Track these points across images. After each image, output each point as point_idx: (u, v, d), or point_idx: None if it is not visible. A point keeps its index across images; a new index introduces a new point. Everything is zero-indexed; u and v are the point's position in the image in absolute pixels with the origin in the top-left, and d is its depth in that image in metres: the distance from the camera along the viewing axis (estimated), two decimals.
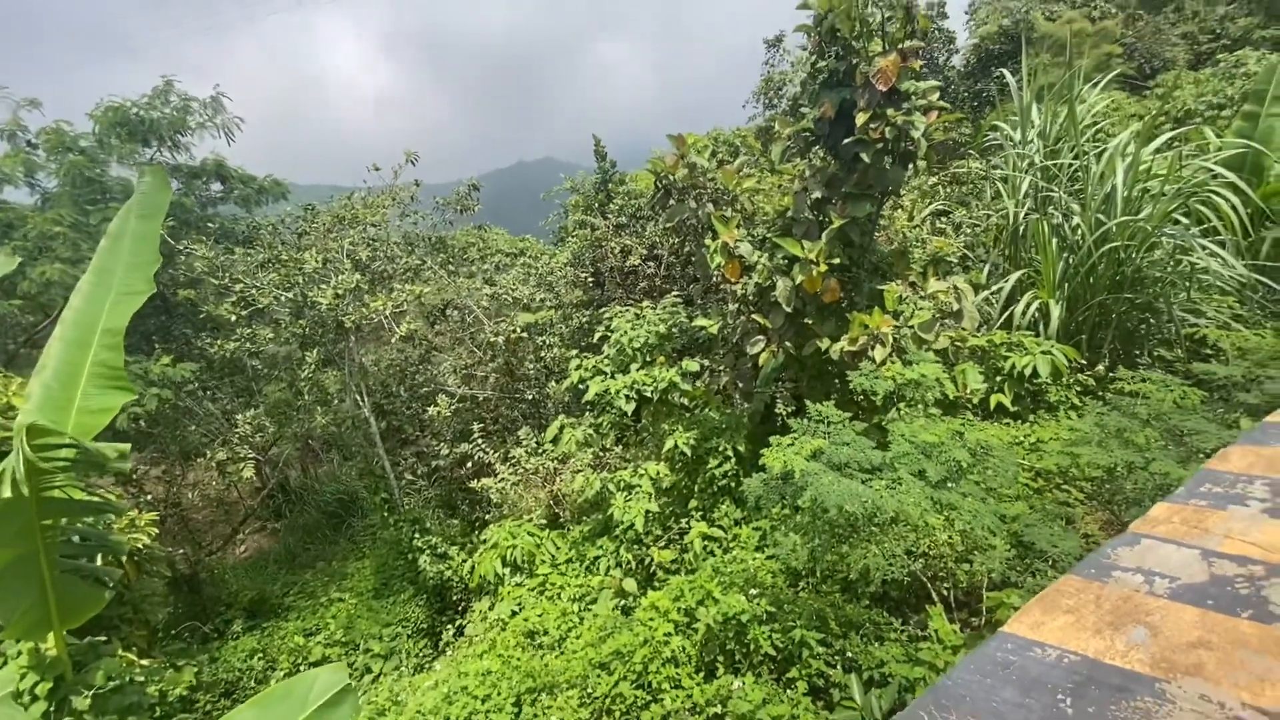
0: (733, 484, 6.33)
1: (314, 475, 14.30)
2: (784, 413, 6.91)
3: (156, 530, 5.74)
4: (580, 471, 7.99)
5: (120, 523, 4.54)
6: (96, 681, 3.28)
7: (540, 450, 8.79)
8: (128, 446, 2.92)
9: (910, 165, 5.09)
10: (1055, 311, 6.83)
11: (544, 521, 8.09)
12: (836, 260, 5.03)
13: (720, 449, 6.30)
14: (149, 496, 9.09)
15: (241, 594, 10.16)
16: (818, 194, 5.21)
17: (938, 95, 4.85)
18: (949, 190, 8.76)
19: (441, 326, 10.73)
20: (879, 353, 4.71)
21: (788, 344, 5.55)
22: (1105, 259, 6.62)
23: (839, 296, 5.25)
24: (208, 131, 9.05)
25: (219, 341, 8.19)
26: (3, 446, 4.87)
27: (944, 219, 7.88)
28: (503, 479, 8.52)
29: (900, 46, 4.73)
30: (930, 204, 7.85)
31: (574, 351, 7.70)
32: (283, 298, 7.62)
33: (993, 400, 6.37)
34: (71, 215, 7.85)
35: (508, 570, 7.07)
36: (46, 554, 2.97)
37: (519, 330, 9.63)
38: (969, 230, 8.12)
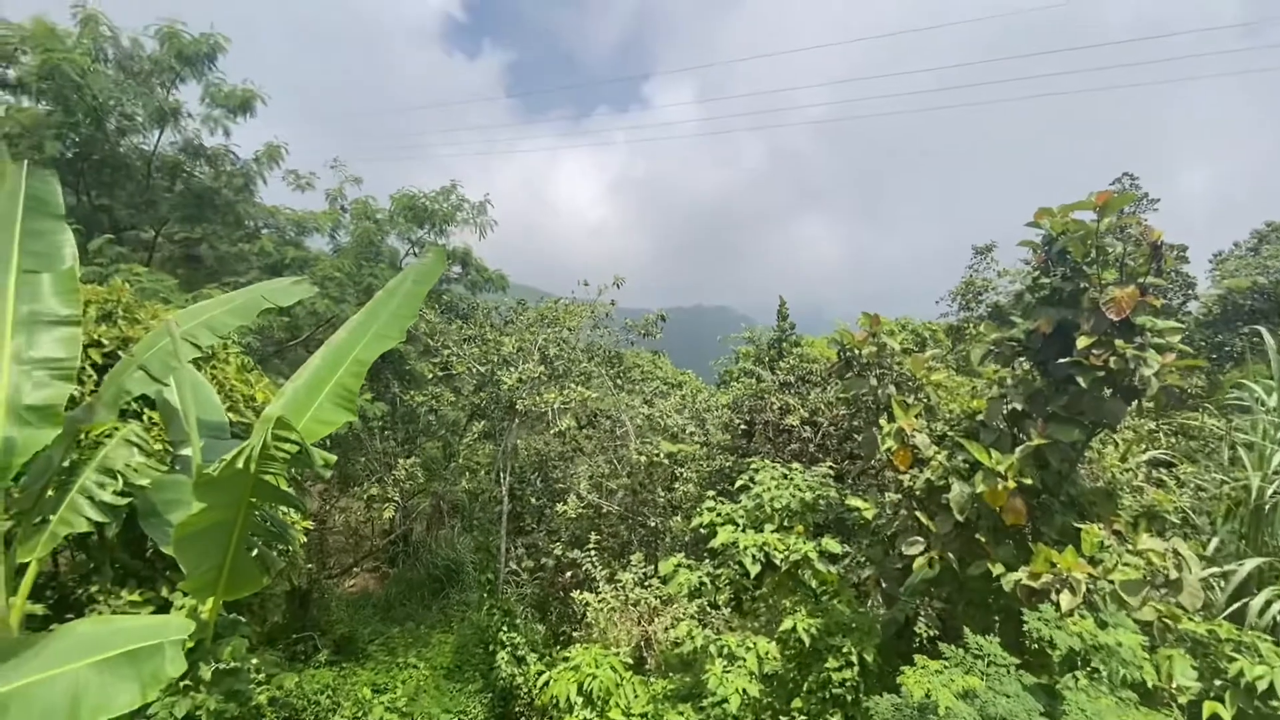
0: (848, 696, 5.54)
1: (435, 535, 15.04)
2: (925, 634, 6.05)
3: (304, 540, 6.34)
4: (683, 620, 7.52)
5: (290, 519, 5.11)
6: (223, 657, 3.58)
7: (647, 582, 8.49)
8: (334, 458, 3.37)
9: (1134, 402, 4.61)
10: None
11: (629, 660, 7.61)
12: (1028, 481, 4.55)
13: (844, 650, 5.61)
14: (309, 510, 10.14)
15: (336, 626, 10.59)
16: (1017, 406, 4.87)
17: (1179, 338, 4.46)
18: (1172, 441, 7.66)
19: (591, 432, 11.23)
20: (1066, 600, 4.05)
21: (950, 555, 4.99)
22: None
23: (1023, 521, 4.68)
24: (468, 226, 11.06)
25: (411, 392, 9.30)
26: (234, 429, 5.85)
27: (1165, 471, 6.85)
28: (603, 599, 8.29)
29: (1140, 280, 4.49)
30: (1148, 450, 6.90)
31: (711, 493, 7.57)
32: (474, 370, 8.58)
33: (1207, 708, 5.02)
34: (350, 266, 9.82)
35: (580, 700, 6.65)
36: (241, 527, 3.42)
37: (661, 456, 9.76)
38: (1195, 492, 6.94)
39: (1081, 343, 4.44)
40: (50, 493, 3.53)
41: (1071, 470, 4.89)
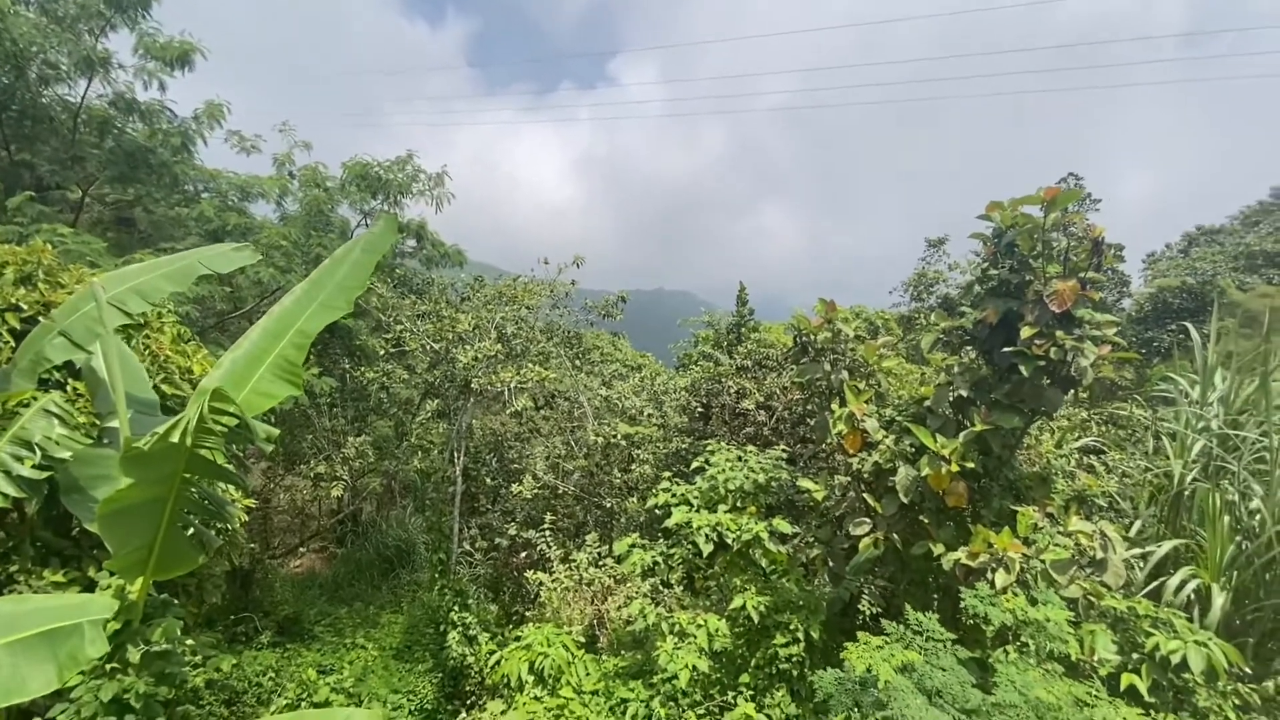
0: (795, 671, 5.70)
1: (385, 515, 14.74)
2: (869, 611, 6.27)
3: (246, 518, 6.10)
4: (635, 599, 7.60)
5: (228, 495, 4.89)
6: (154, 638, 3.41)
7: (601, 562, 8.53)
8: (277, 432, 3.23)
9: (1070, 391, 4.83)
10: (1218, 600, 5.84)
11: (582, 639, 7.65)
12: (970, 465, 4.73)
13: (791, 627, 5.77)
14: (249, 488, 9.77)
15: (281, 607, 10.31)
16: (962, 393, 5.04)
17: (1114, 331, 4.68)
18: (1103, 430, 8.10)
19: (548, 413, 11.15)
20: (1000, 578, 4.24)
21: (895, 536, 5.16)
22: None
23: (964, 503, 4.88)
24: (424, 198, 10.70)
25: (361, 369, 9.02)
26: (169, 403, 5.55)
27: (1095, 457, 7.24)
28: (557, 579, 8.29)
29: (1081, 275, 4.68)
30: (1080, 438, 7.28)
31: (667, 474, 7.62)
32: (428, 347, 8.37)
33: (1124, 679, 5.38)
34: (298, 235, 9.39)
35: (531, 679, 6.66)
36: (174, 504, 3.25)
37: (618, 437, 9.77)
38: (1121, 478, 7.37)
39: (1025, 333, 4.62)
40: None
41: (1011, 455, 5.11)
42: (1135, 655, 5.50)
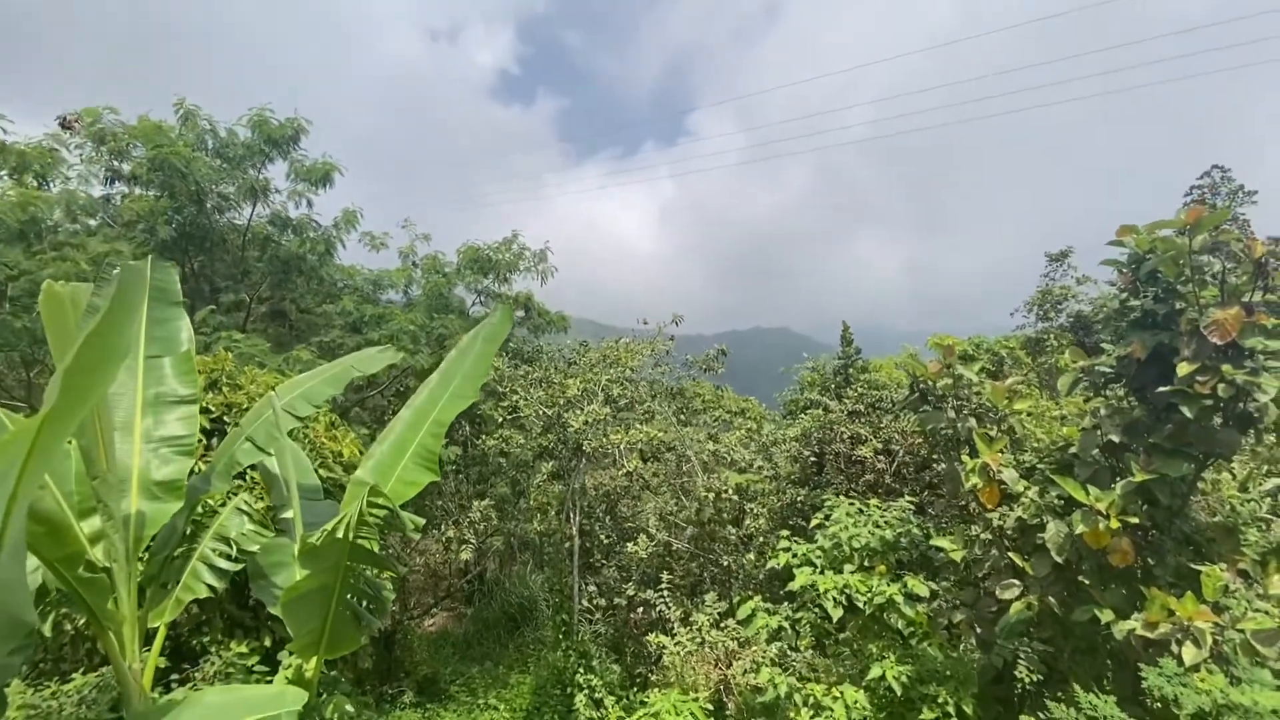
0: None
1: (508, 572, 15.29)
2: (1028, 679, 5.65)
3: (391, 586, 6.59)
4: (763, 665, 7.32)
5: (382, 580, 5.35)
6: (327, 715, 3.77)
7: (723, 623, 8.32)
8: (423, 521, 3.53)
9: (1250, 431, 4.24)
10: None
11: (709, 706, 7.43)
12: (1133, 519, 4.24)
13: (940, 700, 5.32)
14: (389, 551, 10.56)
15: (419, 667, 10.87)
16: (1113, 438, 4.57)
17: None
18: None
19: (656, 468, 11.21)
20: (1189, 653, 3.71)
21: (1051, 599, 4.67)
22: None
23: (1131, 561, 4.35)
24: (530, 274, 11.49)
25: (482, 436, 9.60)
26: (326, 485, 6.20)
27: None
28: (679, 642, 8.17)
29: (1244, 300, 4.17)
30: (1271, 477, 6.26)
31: (785, 532, 7.40)
32: (541, 413, 8.80)
33: None
34: (422, 319, 10.38)
35: None
36: (339, 590, 3.62)
37: (729, 490, 9.62)
38: None
39: (1183, 369, 4.14)
40: (174, 560, 3.85)
41: (1184, 505, 4.52)
42: None
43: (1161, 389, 4.28)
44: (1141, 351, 4.47)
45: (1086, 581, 4.54)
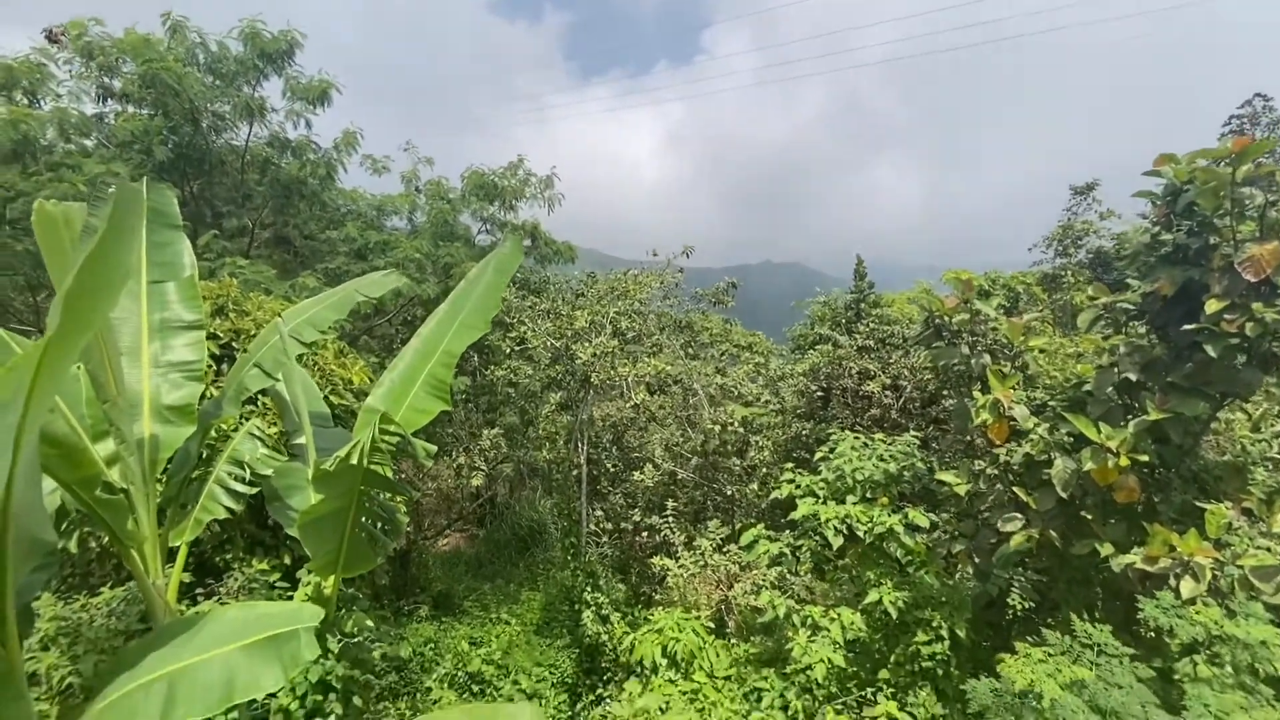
0: (939, 670, 5.47)
1: (517, 497, 15.78)
2: (1020, 606, 5.84)
3: (405, 509, 6.79)
4: (763, 587, 7.60)
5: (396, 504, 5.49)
6: (345, 629, 3.95)
7: (725, 548, 8.59)
8: (434, 449, 3.56)
9: (1273, 370, 4.15)
10: None
11: (710, 624, 7.78)
12: (1143, 458, 4.23)
13: (934, 624, 5.51)
14: (402, 476, 10.84)
15: (434, 584, 11.39)
16: (1130, 376, 4.49)
17: None
18: None
19: (663, 400, 11.31)
20: (1188, 586, 3.78)
21: (1052, 533, 4.74)
22: None
23: (1136, 498, 4.38)
24: (536, 201, 11.18)
25: (491, 367, 9.64)
26: (337, 412, 6.26)
27: None
28: (683, 565, 8.47)
29: None
30: None
31: (789, 465, 7.49)
32: (549, 344, 8.78)
33: None
34: (428, 247, 10.19)
35: (664, 662, 6.89)
36: (355, 513, 3.70)
37: (735, 423, 9.72)
38: None
39: (1211, 307, 4.01)
40: (191, 482, 3.93)
41: (1195, 444, 4.50)
42: None
43: (1186, 326, 4.16)
44: (1169, 288, 4.32)
45: (1089, 517, 4.59)
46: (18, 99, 8.64)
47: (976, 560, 5.80)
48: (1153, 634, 3.77)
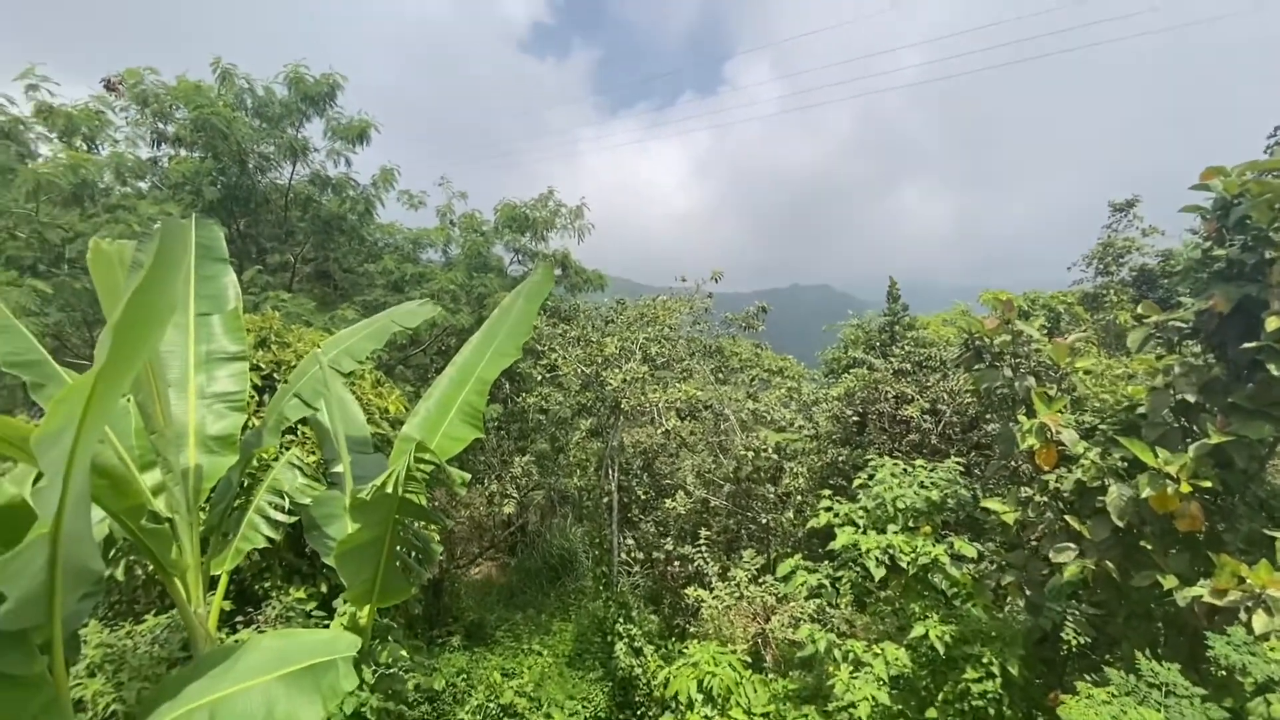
0: (990, 709, 5.18)
1: (548, 524, 15.73)
2: (1074, 642, 5.53)
3: (439, 539, 6.81)
4: (802, 620, 7.36)
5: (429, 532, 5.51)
6: (381, 659, 3.93)
7: (761, 579, 8.38)
8: (468, 476, 3.57)
9: None
10: None
11: (747, 658, 7.56)
12: (1205, 483, 4.00)
13: (984, 660, 5.24)
14: (435, 504, 10.91)
15: (466, 613, 11.34)
16: (1187, 397, 4.28)
17: None
18: None
19: (694, 426, 11.21)
20: (1260, 621, 3.52)
21: (1108, 564, 4.50)
22: None
23: (1199, 527, 4.13)
24: (567, 231, 11.38)
25: (522, 394, 9.71)
26: (374, 441, 6.35)
27: None
28: (718, 595, 8.28)
29: None
30: None
31: (826, 492, 7.32)
32: (579, 370, 8.82)
33: None
34: (462, 278, 10.42)
35: (700, 697, 6.70)
36: (390, 542, 3.71)
37: (768, 449, 9.56)
38: None
39: (1272, 324, 3.82)
40: (233, 512, 4.01)
41: (1261, 469, 4.25)
42: None
43: (1246, 345, 3.97)
44: (1224, 305, 4.14)
45: (1148, 546, 4.34)
46: (77, 145, 9.19)
47: (1028, 592, 5.52)
48: (1223, 672, 3.52)
